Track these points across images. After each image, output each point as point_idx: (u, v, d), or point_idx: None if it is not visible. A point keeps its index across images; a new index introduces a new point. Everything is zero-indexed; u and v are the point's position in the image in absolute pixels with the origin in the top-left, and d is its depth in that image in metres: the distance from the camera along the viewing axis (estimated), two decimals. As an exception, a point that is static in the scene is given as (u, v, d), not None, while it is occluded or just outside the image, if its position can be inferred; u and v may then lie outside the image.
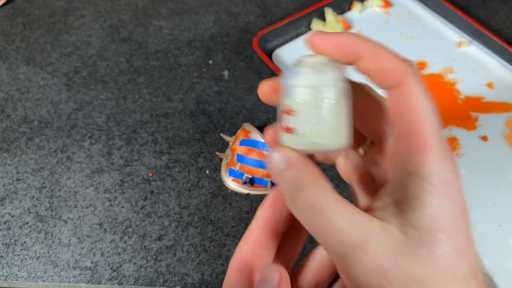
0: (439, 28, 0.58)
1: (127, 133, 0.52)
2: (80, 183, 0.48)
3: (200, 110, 0.53)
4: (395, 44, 0.56)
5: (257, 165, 0.44)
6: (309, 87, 0.23)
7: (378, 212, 0.20)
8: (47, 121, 0.53)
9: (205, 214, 0.45)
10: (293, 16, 0.57)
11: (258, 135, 0.44)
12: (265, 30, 0.56)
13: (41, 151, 0.50)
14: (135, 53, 0.60)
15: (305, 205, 0.21)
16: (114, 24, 0.64)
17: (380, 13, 0.60)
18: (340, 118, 0.23)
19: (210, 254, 0.43)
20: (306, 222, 0.21)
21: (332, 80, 0.23)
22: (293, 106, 0.23)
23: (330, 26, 0.56)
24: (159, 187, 0.47)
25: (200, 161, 0.49)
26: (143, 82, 0.57)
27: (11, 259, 0.43)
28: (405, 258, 0.17)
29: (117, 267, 0.42)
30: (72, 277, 0.42)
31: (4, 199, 0.47)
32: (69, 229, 0.45)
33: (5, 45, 0.62)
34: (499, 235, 0.41)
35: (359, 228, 0.18)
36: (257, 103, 0.54)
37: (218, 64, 0.58)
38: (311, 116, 0.23)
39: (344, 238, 0.18)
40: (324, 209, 0.20)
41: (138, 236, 0.44)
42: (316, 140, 0.23)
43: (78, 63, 0.59)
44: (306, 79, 0.23)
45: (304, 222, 0.21)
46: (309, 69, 0.23)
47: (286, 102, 0.24)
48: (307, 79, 0.23)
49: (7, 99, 0.55)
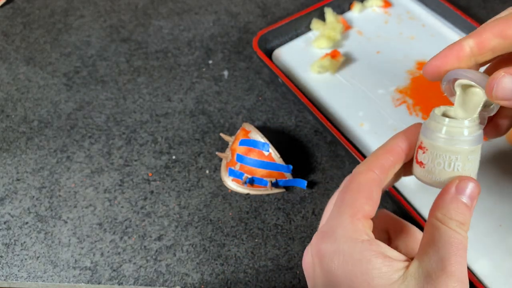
0: (439, 28, 0.58)
1: (127, 133, 0.52)
2: (80, 183, 0.48)
3: (200, 110, 0.53)
4: (395, 44, 0.56)
5: (257, 165, 0.44)
6: (444, 134, 0.26)
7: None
8: (47, 121, 0.53)
9: (205, 214, 0.45)
10: (293, 16, 0.57)
11: (258, 135, 0.44)
12: (265, 30, 0.56)
13: (41, 151, 0.50)
14: (135, 53, 0.60)
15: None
16: (114, 24, 0.64)
17: (380, 13, 0.60)
18: (467, 164, 0.26)
19: (210, 254, 0.43)
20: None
21: (469, 130, 0.26)
22: (427, 146, 0.26)
23: (330, 26, 0.56)
24: (159, 187, 0.47)
25: (200, 161, 0.49)
26: (143, 82, 0.57)
27: (11, 259, 0.43)
28: None
29: (117, 267, 0.42)
30: (72, 277, 0.42)
31: (4, 199, 0.47)
32: (69, 229, 0.45)
33: (5, 45, 0.62)
34: (499, 235, 0.41)
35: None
36: (257, 103, 0.54)
37: (218, 64, 0.58)
38: (443, 159, 0.26)
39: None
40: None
41: (138, 236, 0.44)
42: (443, 180, 0.26)
43: (78, 63, 0.59)
44: (444, 128, 0.26)
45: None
46: (448, 120, 0.26)
47: (423, 140, 0.27)
48: (445, 128, 0.26)
49: (7, 99, 0.56)
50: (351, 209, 0.26)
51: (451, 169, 0.26)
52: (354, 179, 0.27)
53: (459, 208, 0.24)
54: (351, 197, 0.26)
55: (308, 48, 0.56)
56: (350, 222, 0.25)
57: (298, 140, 0.50)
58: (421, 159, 0.26)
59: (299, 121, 0.52)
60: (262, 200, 0.46)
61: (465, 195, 0.25)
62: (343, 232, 0.25)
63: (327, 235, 0.26)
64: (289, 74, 0.55)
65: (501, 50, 0.27)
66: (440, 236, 0.24)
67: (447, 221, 0.24)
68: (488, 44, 0.27)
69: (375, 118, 0.49)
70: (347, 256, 0.24)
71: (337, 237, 0.25)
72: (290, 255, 0.42)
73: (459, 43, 0.27)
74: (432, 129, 0.26)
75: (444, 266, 0.23)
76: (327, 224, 0.26)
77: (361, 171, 0.27)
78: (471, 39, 0.27)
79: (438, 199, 0.25)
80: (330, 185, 0.47)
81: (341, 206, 0.26)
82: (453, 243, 0.23)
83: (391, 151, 0.28)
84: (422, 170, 0.27)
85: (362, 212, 0.26)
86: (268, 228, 0.44)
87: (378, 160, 0.28)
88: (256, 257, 0.42)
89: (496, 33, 0.26)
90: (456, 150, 0.25)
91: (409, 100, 0.51)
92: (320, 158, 0.49)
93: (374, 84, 0.52)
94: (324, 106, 0.51)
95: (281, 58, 0.56)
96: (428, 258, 0.24)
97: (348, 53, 0.56)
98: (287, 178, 0.45)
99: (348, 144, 0.45)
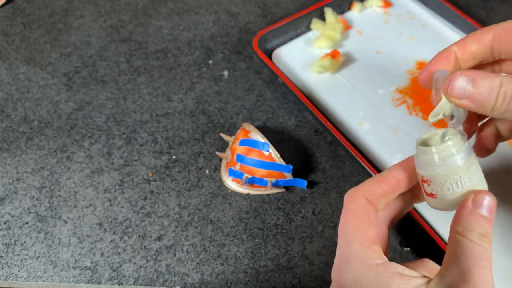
0: (439, 28, 0.58)
1: (127, 133, 0.52)
2: (80, 183, 0.48)
3: (200, 110, 0.53)
4: (395, 44, 0.56)
5: (257, 165, 0.44)
6: (438, 162, 0.27)
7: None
8: (47, 121, 0.53)
9: (205, 214, 0.45)
10: (293, 16, 0.57)
11: (258, 135, 0.44)
12: (265, 30, 0.56)
13: (41, 151, 0.50)
14: (135, 53, 0.60)
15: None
16: (114, 24, 0.64)
17: (380, 13, 0.60)
18: (472, 177, 0.27)
19: (210, 254, 0.43)
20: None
21: (456, 146, 0.27)
22: (429, 179, 0.27)
23: (330, 26, 0.56)
24: (159, 187, 0.47)
25: (200, 161, 0.49)
26: (143, 82, 0.57)
27: (11, 259, 0.43)
28: None
29: (117, 267, 0.42)
30: (72, 277, 0.42)
31: (4, 199, 0.47)
32: (69, 229, 0.45)
33: (5, 45, 0.62)
34: (499, 235, 0.41)
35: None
36: (257, 103, 0.54)
37: (218, 64, 0.58)
38: (449, 183, 0.27)
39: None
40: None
41: (138, 236, 0.44)
42: (458, 201, 0.27)
43: (78, 63, 0.59)
44: (434, 156, 0.27)
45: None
46: (434, 148, 0.27)
47: (423, 174, 0.28)
48: (435, 155, 0.27)
49: (7, 99, 0.56)
50: (358, 238, 0.27)
51: (460, 188, 0.27)
52: (350, 208, 0.28)
53: (478, 221, 0.25)
54: (353, 226, 0.27)
55: (308, 48, 0.56)
56: (361, 249, 0.26)
57: (298, 140, 0.50)
58: (431, 191, 0.28)
59: (299, 121, 0.52)
60: (262, 200, 0.46)
61: (482, 208, 0.25)
62: (357, 260, 0.26)
63: (342, 266, 0.27)
64: (289, 74, 0.55)
65: (480, 55, 0.29)
66: (461, 249, 0.24)
67: (467, 234, 0.24)
68: (468, 49, 0.29)
69: (375, 118, 0.49)
70: (365, 281, 0.25)
71: (352, 265, 0.26)
72: (290, 255, 0.42)
73: (447, 48, 0.29)
74: (425, 162, 0.27)
75: (467, 278, 0.23)
76: (340, 256, 0.28)
77: (354, 199, 0.28)
78: (455, 45, 0.29)
79: (456, 215, 0.26)
80: (330, 185, 0.47)
81: (346, 236, 0.27)
82: (474, 254, 0.23)
83: (384, 181, 0.29)
84: (436, 200, 0.28)
85: (369, 238, 0.27)
86: (268, 228, 0.44)
87: (370, 188, 0.29)
88: (256, 257, 0.42)
89: (475, 39, 0.28)
90: (455, 170, 0.26)
91: (409, 100, 0.51)
92: (320, 158, 0.49)
93: (374, 84, 0.52)
94: (324, 106, 0.51)
95: (281, 58, 0.56)
96: (450, 272, 0.24)
97: (348, 53, 0.56)
98: (287, 178, 0.45)
99: (348, 144, 0.45)
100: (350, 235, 0.27)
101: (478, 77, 0.26)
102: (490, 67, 0.31)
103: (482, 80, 0.26)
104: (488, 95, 0.25)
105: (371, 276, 0.25)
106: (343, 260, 0.27)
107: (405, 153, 0.46)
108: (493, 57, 0.29)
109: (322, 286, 0.40)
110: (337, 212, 0.45)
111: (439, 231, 0.41)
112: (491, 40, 0.28)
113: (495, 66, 0.31)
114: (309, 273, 0.41)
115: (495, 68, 0.31)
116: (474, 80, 0.26)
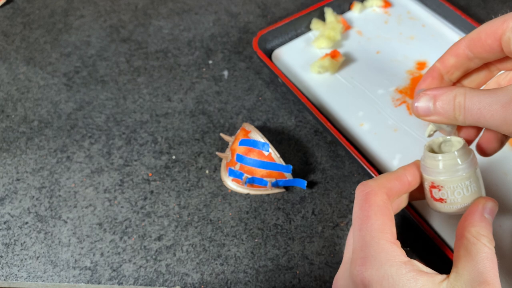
0: (439, 28, 0.58)
1: (127, 133, 0.52)
2: (80, 183, 0.48)
3: (200, 110, 0.53)
4: (395, 44, 0.56)
5: (257, 165, 0.44)
6: (451, 168, 0.28)
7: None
8: (47, 121, 0.53)
9: (205, 214, 0.45)
10: (293, 16, 0.57)
11: (258, 135, 0.44)
12: (265, 30, 0.56)
13: (41, 151, 0.50)
14: (135, 53, 0.60)
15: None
16: (114, 24, 0.64)
17: (380, 13, 0.60)
18: (478, 181, 0.28)
19: (210, 254, 0.43)
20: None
21: (465, 154, 0.28)
22: (442, 184, 0.28)
23: (330, 26, 0.56)
24: (158, 187, 0.47)
25: (199, 161, 0.49)
26: (143, 82, 0.57)
27: (10, 259, 0.43)
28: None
29: (117, 267, 0.42)
30: (72, 277, 0.42)
31: (4, 199, 0.47)
32: (69, 229, 0.45)
33: (5, 45, 0.62)
34: (499, 235, 0.41)
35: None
36: (257, 103, 0.54)
37: (218, 64, 0.58)
38: (460, 188, 0.28)
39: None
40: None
41: (137, 236, 0.44)
42: (467, 204, 0.28)
43: (78, 63, 0.59)
44: (446, 162, 0.28)
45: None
46: (445, 154, 0.28)
47: (434, 180, 0.29)
48: (447, 161, 0.28)
49: (7, 99, 0.56)
50: (385, 234, 0.27)
51: (469, 192, 0.28)
52: (372, 202, 0.29)
53: (487, 227, 0.27)
54: (379, 222, 0.28)
55: (308, 48, 0.57)
56: (390, 247, 0.27)
57: (298, 140, 0.50)
58: (440, 196, 0.29)
59: (299, 121, 0.52)
60: (262, 200, 0.46)
61: (489, 214, 0.28)
62: (387, 257, 0.27)
63: (369, 262, 0.27)
64: (289, 74, 0.55)
65: (460, 66, 0.30)
66: (477, 251, 0.26)
67: (480, 238, 0.27)
68: (447, 63, 0.31)
69: (375, 118, 0.49)
70: (396, 278, 0.26)
71: (381, 262, 0.27)
72: (290, 255, 0.42)
73: (432, 66, 0.31)
74: (436, 169, 0.28)
75: (486, 279, 0.25)
76: (364, 252, 0.28)
77: (377, 193, 0.29)
78: (437, 61, 0.31)
79: (470, 217, 0.28)
80: (330, 185, 0.47)
81: (372, 231, 0.28)
82: (489, 258, 0.26)
83: (400, 179, 0.30)
84: (445, 205, 0.29)
85: (394, 235, 0.28)
86: (268, 228, 0.44)
87: (389, 183, 0.30)
88: (256, 257, 0.42)
89: (451, 53, 0.30)
90: (468, 175, 0.28)
91: (409, 100, 0.51)
92: (320, 158, 0.49)
93: (374, 84, 0.52)
94: (324, 106, 0.51)
95: (281, 58, 0.56)
96: (468, 272, 0.26)
97: (348, 53, 0.56)
98: (287, 178, 0.45)
99: (348, 144, 0.45)
100: (377, 232, 0.28)
101: (438, 94, 0.28)
102: (487, 68, 0.32)
103: (441, 95, 0.28)
104: (447, 108, 0.28)
105: (402, 274, 0.26)
106: (368, 256, 0.27)
107: (405, 153, 0.46)
108: (475, 63, 0.30)
109: (322, 286, 0.40)
110: (337, 212, 0.45)
111: (439, 231, 0.41)
112: (465, 50, 0.30)
113: (491, 66, 0.32)
114: (309, 273, 0.41)
115: (491, 68, 0.32)
116: (434, 97, 0.28)
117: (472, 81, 0.32)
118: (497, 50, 0.28)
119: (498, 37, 0.27)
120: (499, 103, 0.25)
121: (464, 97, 0.27)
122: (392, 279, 0.26)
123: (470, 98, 0.27)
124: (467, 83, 0.32)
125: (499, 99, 0.25)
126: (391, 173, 0.31)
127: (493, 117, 0.26)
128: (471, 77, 0.32)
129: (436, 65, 0.31)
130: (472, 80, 0.32)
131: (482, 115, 0.26)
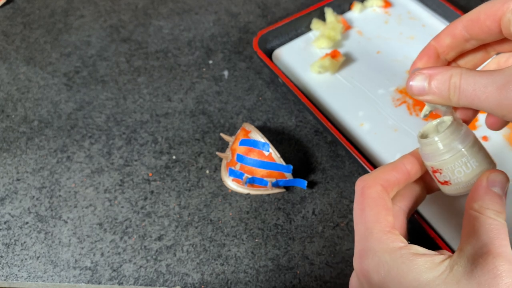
0: (439, 28, 0.58)
1: (127, 133, 0.52)
2: (80, 183, 0.48)
3: (200, 110, 0.53)
4: (395, 44, 0.56)
5: (257, 165, 0.44)
6: (443, 149, 0.28)
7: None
8: (47, 121, 0.53)
9: (205, 214, 0.45)
10: (293, 16, 0.57)
11: (258, 135, 0.44)
12: (265, 30, 0.56)
13: (41, 151, 0.50)
14: (135, 53, 0.60)
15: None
16: (114, 24, 0.64)
17: (380, 13, 0.60)
18: (478, 156, 0.28)
19: (210, 254, 0.43)
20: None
21: (455, 131, 0.28)
22: (440, 167, 0.28)
23: (330, 26, 0.56)
24: (159, 187, 0.47)
25: (200, 161, 0.49)
26: (143, 82, 0.57)
27: (11, 259, 0.43)
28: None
29: (117, 267, 0.42)
30: (72, 277, 0.42)
31: (4, 199, 0.47)
32: (69, 229, 0.45)
33: (5, 45, 0.62)
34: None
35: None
36: (257, 103, 0.54)
37: (218, 64, 0.58)
38: (459, 166, 0.28)
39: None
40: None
41: (138, 236, 0.44)
42: (472, 181, 0.28)
43: (78, 63, 0.59)
44: (436, 144, 0.28)
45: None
46: (434, 136, 0.28)
47: (433, 164, 0.28)
48: (437, 143, 0.28)
49: (7, 99, 0.56)
50: (379, 225, 0.27)
51: (470, 169, 0.28)
52: (366, 194, 0.29)
53: (494, 199, 0.26)
54: (372, 213, 0.28)
55: (308, 48, 0.57)
56: (384, 235, 0.27)
57: (298, 140, 0.50)
58: (444, 179, 0.29)
59: (299, 121, 0.52)
60: (262, 200, 0.46)
61: (496, 186, 0.27)
62: (380, 245, 0.26)
63: (365, 253, 0.27)
64: (289, 74, 0.55)
65: (456, 47, 0.30)
66: (480, 224, 0.25)
67: (484, 211, 0.25)
68: (443, 42, 0.30)
69: (375, 118, 0.49)
70: (391, 263, 0.26)
71: (376, 251, 0.26)
72: (290, 255, 0.42)
73: (428, 44, 0.31)
74: (430, 153, 0.28)
75: (489, 249, 0.24)
76: (361, 244, 0.28)
77: (370, 185, 0.29)
78: (433, 39, 0.30)
79: (472, 193, 0.27)
80: (330, 185, 0.47)
81: (366, 223, 0.28)
82: (493, 229, 0.25)
83: (397, 169, 0.30)
84: (451, 186, 0.29)
85: (388, 224, 0.28)
86: (268, 228, 0.44)
87: (384, 175, 0.30)
88: (256, 257, 0.42)
89: (447, 33, 0.30)
90: (460, 153, 0.27)
91: (409, 100, 0.51)
92: (320, 158, 0.49)
93: (374, 84, 0.52)
94: (324, 106, 0.51)
95: (281, 58, 0.56)
96: (471, 246, 0.25)
97: (348, 53, 0.56)
98: (287, 178, 0.45)
99: (348, 144, 0.46)
100: (370, 222, 0.27)
101: (433, 73, 0.27)
102: (484, 50, 0.31)
103: (436, 75, 0.27)
104: (442, 88, 0.27)
105: (396, 258, 0.26)
106: (365, 247, 0.27)
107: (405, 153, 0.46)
108: (472, 44, 0.30)
109: (322, 286, 0.40)
110: (337, 212, 0.45)
111: (439, 231, 0.41)
112: (462, 31, 0.29)
113: (488, 48, 0.31)
114: (309, 273, 0.41)
115: (488, 50, 0.31)
116: (430, 76, 0.27)
117: (468, 61, 0.32)
118: (495, 32, 0.27)
119: (497, 18, 0.26)
120: (494, 84, 0.25)
121: (460, 78, 0.26)
122: (388, 265, 0.26)
123: (465, 79, 0.26)
124: (463, 64, 0.32)
125: (495, 80, 0.25)
126: (388, 164, 0.31)
127: (488, 99, 0.25)
128: (467, 57, 0.32)
129: (432, 44, 0.30)
130: (468, 60, 0.32)
131: (476, 96, 0.25)
